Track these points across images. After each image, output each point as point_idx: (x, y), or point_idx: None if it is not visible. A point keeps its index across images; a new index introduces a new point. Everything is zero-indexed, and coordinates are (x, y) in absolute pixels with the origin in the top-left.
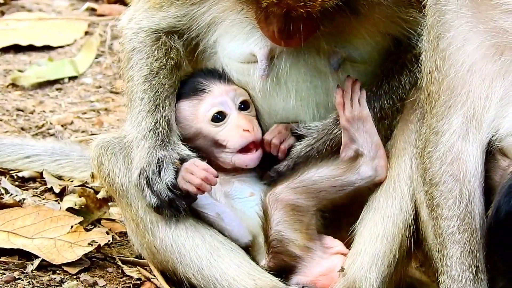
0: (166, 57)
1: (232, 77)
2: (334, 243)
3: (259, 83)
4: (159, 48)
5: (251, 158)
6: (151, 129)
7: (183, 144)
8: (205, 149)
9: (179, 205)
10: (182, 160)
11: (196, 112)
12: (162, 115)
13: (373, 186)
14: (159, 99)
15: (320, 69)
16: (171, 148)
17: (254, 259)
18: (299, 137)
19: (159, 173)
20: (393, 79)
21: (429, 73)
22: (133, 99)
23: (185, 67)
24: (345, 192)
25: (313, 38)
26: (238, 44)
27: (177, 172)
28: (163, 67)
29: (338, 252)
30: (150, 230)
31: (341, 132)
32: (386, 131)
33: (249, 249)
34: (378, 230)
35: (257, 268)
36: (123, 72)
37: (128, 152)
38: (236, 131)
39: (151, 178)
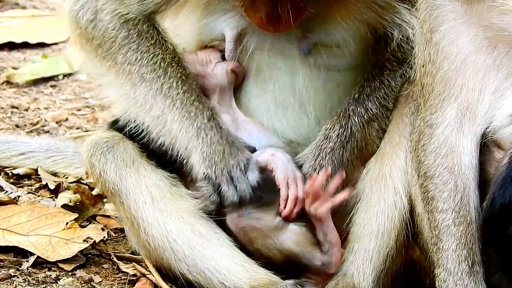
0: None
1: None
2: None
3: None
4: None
5: None
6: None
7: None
8: None
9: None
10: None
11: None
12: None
13: (365, 183)
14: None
15: (287, 54)
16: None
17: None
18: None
19: (245, 173)
20: (374, 81)
21: (423, 66)
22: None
23: None
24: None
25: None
26: (209, 22)
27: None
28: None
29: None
30: (143, 228)
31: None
32: (377, 132)
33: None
34: (373, 226)
35: (251, 262)
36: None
37: (118, 150)
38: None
39: (237, 177)
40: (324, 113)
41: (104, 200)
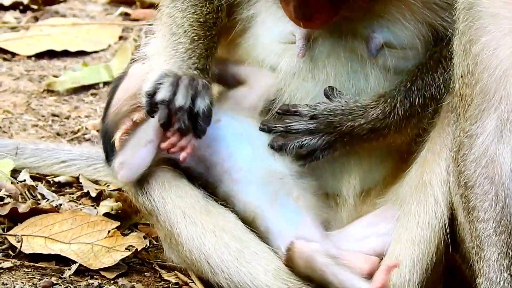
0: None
1: (264, 55)
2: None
3: (294, 63)
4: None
5: None
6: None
7: None
8: None
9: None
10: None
11: (132, 73)
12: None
13: (406, 191)
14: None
15: (359, 54)
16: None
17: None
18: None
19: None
20: (428, 76)
21: (461, 77)
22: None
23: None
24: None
25: (348, 22)
26: (278, 22)
27: None
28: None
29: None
30: (180, 243)
31: (361, 117)
32: (412, 129)
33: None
34: (414, 235)
35: (286, 271)
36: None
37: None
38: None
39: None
40: None
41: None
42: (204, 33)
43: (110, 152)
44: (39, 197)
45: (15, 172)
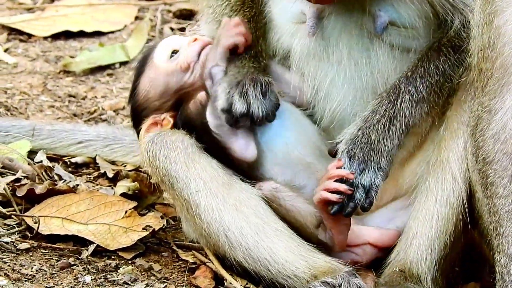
0: None
1: (278, 36)
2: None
3: (306, 43)
4: None
5: None
6: None
7: None
8: (182, 86)
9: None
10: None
11: (155, 62)
12: None
13: (423, 169)
14: None
15: (368, 31)
16: None
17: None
18: None
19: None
20: (429, 63)
21: (481, 50)
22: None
23: None
24: None
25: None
26: (288, 2)
27: None
28: None
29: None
30: (197, 214)
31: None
32: (426, 115)
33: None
34: (432, 212)
35: (309, 249)
36: None
37: (168, 136)
38: (186, 48)
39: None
40: None
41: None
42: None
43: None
44: (56, 178)
45: (32, 153)
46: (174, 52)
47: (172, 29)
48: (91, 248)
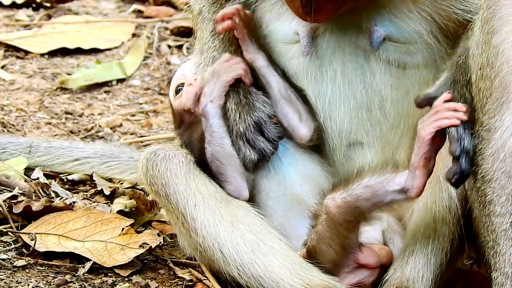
0: None
1: (273, 58)
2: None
3: (301, 63)
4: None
5: None
6: None
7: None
8: (189, 126)
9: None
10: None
11: (169, 96)
12: None
13: None
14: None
15: (363, 48)
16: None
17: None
18: None
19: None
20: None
21: (480, 69)
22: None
23: None
24: (378, 207)
25: (351, 15)
26: (282, 22)
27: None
28: None
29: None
30: (193, 228)
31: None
32: None
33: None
34: (429, 230)
35: (303, 266)
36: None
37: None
38: (187, 90)
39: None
40: (396, 113)
41: (159, 204)
42: None
43: None
44: (53, 195)
45: (28, 170)
46: (180, 86)
47: (169, 46)
48: (88, 265)
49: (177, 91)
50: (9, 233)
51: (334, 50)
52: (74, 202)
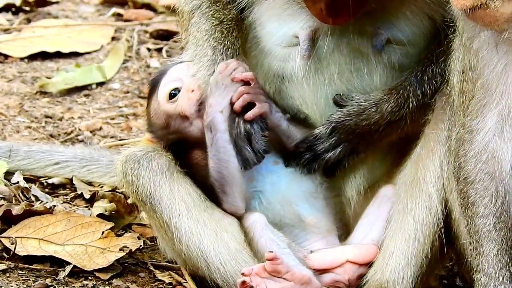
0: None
1: (269, 61)
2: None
3: (299, 66)
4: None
5: None
6: None
7: None
8: (181, 131)
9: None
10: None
11: (158, 98)
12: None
13: (401, 187)
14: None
15: (363, 51)
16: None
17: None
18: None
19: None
20: (438, 65)
21: (463, 72)
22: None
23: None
24: None
25: (357, 18)
26: (279, 25)
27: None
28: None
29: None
30: (177, 236)
31: (376, 113)
32: (421, 119)
33: None
34: (409, 231)
35: None
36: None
37: (152, 157)
38: (185, 95)
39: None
40: None
41: (140, 208)
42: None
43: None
44: (33, 199)
45: (8, 174)
46: (175, 90)
47: (149, 49)
48: (68, 269)
49: (171, 95)
50: None
51: (334, 53)
52: (54, 206)
